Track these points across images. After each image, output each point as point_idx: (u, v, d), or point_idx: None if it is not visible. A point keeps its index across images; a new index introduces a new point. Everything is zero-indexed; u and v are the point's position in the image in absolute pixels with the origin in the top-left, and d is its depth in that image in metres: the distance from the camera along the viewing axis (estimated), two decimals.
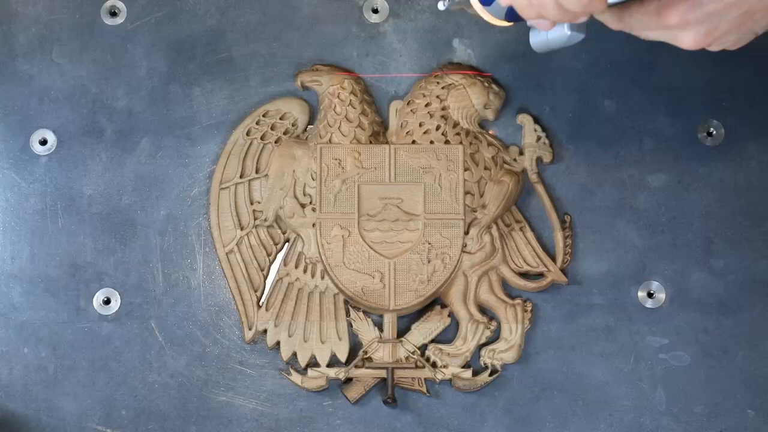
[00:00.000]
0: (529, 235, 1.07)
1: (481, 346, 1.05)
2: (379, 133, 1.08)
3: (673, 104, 1.08)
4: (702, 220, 1.07)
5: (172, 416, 1.05)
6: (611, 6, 0.72)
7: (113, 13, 1.10)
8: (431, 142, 1.07)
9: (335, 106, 1.07)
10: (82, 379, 1.05)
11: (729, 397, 1.04)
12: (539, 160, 1.07)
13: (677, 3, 0.71)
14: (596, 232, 1.07)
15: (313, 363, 1.05)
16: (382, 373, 1.04)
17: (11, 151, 1.08)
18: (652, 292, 1.06)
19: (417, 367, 1.04)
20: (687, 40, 0.73)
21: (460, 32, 1.09)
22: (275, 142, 1.08)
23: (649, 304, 1.05)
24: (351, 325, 1.06)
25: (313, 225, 1.05)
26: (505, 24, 0.82)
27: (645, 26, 0.74)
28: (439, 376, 1.04)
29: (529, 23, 0.77)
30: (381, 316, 1.05)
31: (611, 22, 0.76)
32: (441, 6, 0.87)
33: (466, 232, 1.05)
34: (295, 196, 1.06)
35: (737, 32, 0.73)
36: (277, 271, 1.06)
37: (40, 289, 1.06)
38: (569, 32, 0.77)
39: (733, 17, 0.71)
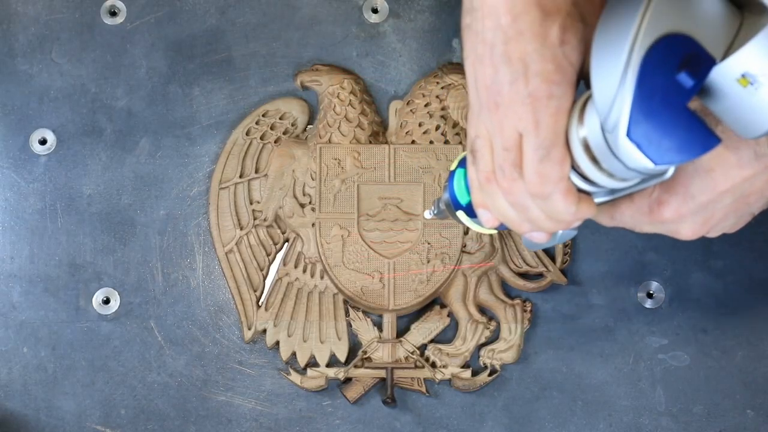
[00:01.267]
0: None
1: (480, 346, 1.05)
2: (379, 133, 1.08)
3: None
4: None
5: (172, 416, 1.05)
6: (600, 205, 0.69)
7: (113, 13, 1.10)
8: (431, 142, 1.07)
9: (335, 106, 1.07)
10: (82, 378, 1.05)
11: (728, 397, 1.04)
12: None
13: (668, 198, 0.69)
14: (596, 232, 1.07)
15: (312, 363, 1.05)
16: (382, 373, 1.04)
17: (11, 151, 1.08)
18: (651, 292, 1.06)
19: (416, 367, 1.04)
20: (684, 232, 0.71)
21: (460, 32, 1.09)
22: (275, 142, 1.08)
23: (648, 304, 1.05)
24: (350, 325, 1.06)
25: (313, 225, 1.06)
26: (495, 232, 0.81)
27: (638, 222, 0.72)
28: (439, 376, 1.04)
29: (524, 236, 0.74)
30: (380, 316, 1.05)
31: (603, 220, 0.74)
32: (427, 215, 0.86)
33: (466, 232, 1.05)
34: (295, 196, 1.06)
35: (734, 216, 0.71)
36: (277, 271, 1.07)
37: (39, 288, 1.06)
38: (560, 231, 0.73)
39: (728, 203, 0.69)
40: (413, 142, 1.07)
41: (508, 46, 0.65)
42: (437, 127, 1.07)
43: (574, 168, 0.65)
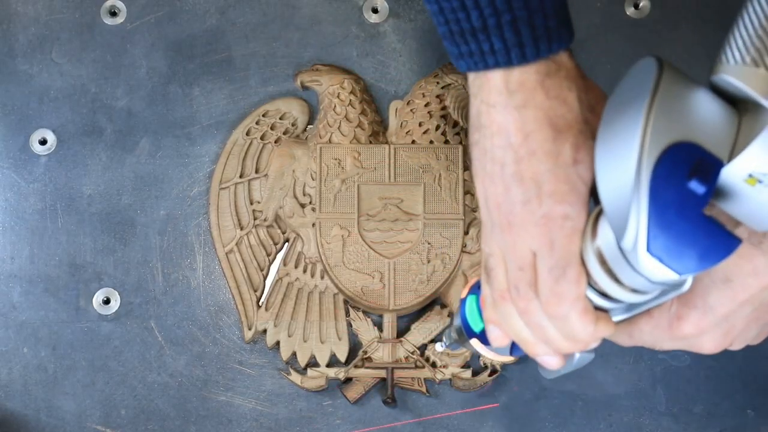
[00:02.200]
0: None
1: None
2: (379, 133, 1.08)
3: None
4: None
5: (172, 416, 1.05)
6: (618, 323, 0.68)
7: (113, 13, 1.10)
8: (431, 142, 1.07)
9: (335, 106, 1.07)
10: (82, 378, 1.05)
11: (728, 397, 1.04)
12: None
13: (688, 312, 0.67)
14: None
15: (312, 363, 1.05)
16: (382, 373, 1.04)
17: (11, 151, 1.08)
18: None
19: (417, 367, 1.04)
20: (707, 346, 0.69)
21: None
22: (275, 142, 1.08)
23: None
24: (351, 325, 1.06)
25: (313, 225, 1.06)
26: (511, 359, 0.79)
27: (658, 340, 0.70)
28: (439, 376, 1.04)
29: (538, 360, 0.72)
30: (381, 316, 1.05)
31: (621, 339, 0.72)
32: (439, 347, 0.85)
33: (466, 232, 1.05)
34: (295, 196, 1.06)
35: (756, 326, 0.70)
36: (277, 271, 1.07)
37: (39, 288, 1.06)
38: (578, 355, 0.72)
39: (748, 313, 0.68)
40: (413, 142, 1.07)
41: (520, 165, 0.64)
42: (437, 127, 1.07)
43: (590, 284, 0.64)
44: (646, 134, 0.57)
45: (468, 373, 1.04)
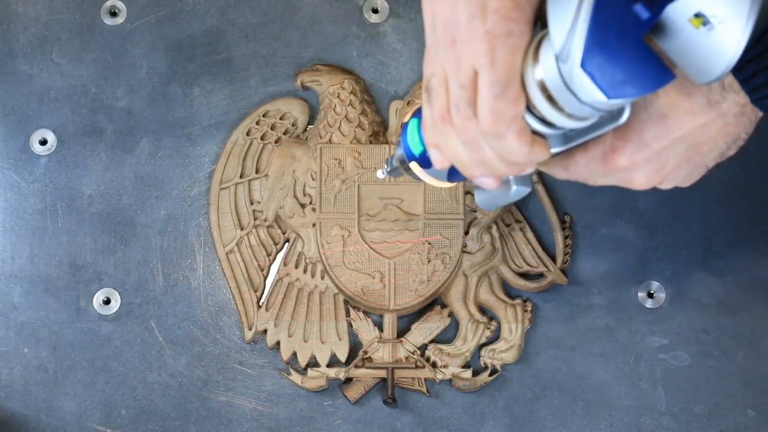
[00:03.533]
0: (529, 235, 1.07)
1: (481, 346, 1.05)
2: (379, 133, 1.08)
3: None
4: (702, 220, 1.07)
5: (172, 416, 1.05)
6: (555, 155, 0.69)
7: (113, 13, 1.10)
8: None
9: (335, 106, 1.07)
10: (82, 379, 1.05)
11: (729, 397, 1.04)
12: None
13: (622, 146, 0.69)
14: (596, 232, 1.07)
15: (313, 363, 1.05)
16: (382, 373, 1.04)
17: (11, 151, 1.08)
18: (652, 292, 1.06)
19: (417, 367, 1.04)
20: (638, 180, 0.71)
21: None
22: (275, 142, 1.08)
23: (649, 304, 1.05)
24: (351, 325, 1.06)
25: (313, 225, 1.06)
26: (449, 185, 0.80)
27: (592, 173, 0.72)
28: (439, 376, 1.04)
29: (475, 182, 0.73)
30: (381, 316, 1.06)
31: (557, 171, 0.74)
32: (380, 174, 0.84)
33: (466, 232, 1.05)
34: (295, 196, 1.06)
35: (687, 167, 0.71)
36: (277, 271, 1.07)
37: (40, 289, 1.06)
38: (515, 187, 0.72)
39: (681, 151, 0.69)
40: None
41: None
42: None
43: (530, 109, 0.64)
44: None
45: (468, 373, 1.04)
